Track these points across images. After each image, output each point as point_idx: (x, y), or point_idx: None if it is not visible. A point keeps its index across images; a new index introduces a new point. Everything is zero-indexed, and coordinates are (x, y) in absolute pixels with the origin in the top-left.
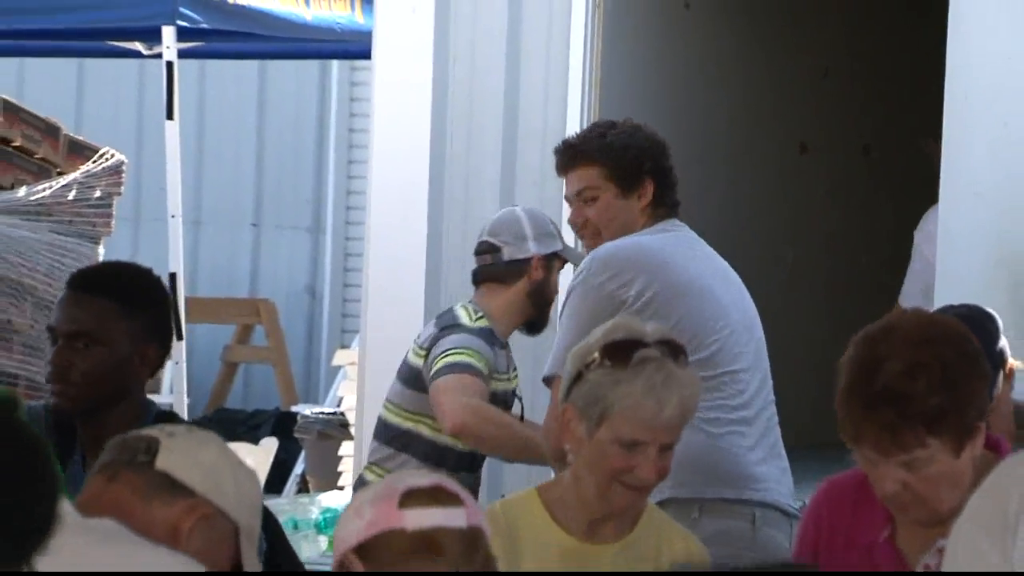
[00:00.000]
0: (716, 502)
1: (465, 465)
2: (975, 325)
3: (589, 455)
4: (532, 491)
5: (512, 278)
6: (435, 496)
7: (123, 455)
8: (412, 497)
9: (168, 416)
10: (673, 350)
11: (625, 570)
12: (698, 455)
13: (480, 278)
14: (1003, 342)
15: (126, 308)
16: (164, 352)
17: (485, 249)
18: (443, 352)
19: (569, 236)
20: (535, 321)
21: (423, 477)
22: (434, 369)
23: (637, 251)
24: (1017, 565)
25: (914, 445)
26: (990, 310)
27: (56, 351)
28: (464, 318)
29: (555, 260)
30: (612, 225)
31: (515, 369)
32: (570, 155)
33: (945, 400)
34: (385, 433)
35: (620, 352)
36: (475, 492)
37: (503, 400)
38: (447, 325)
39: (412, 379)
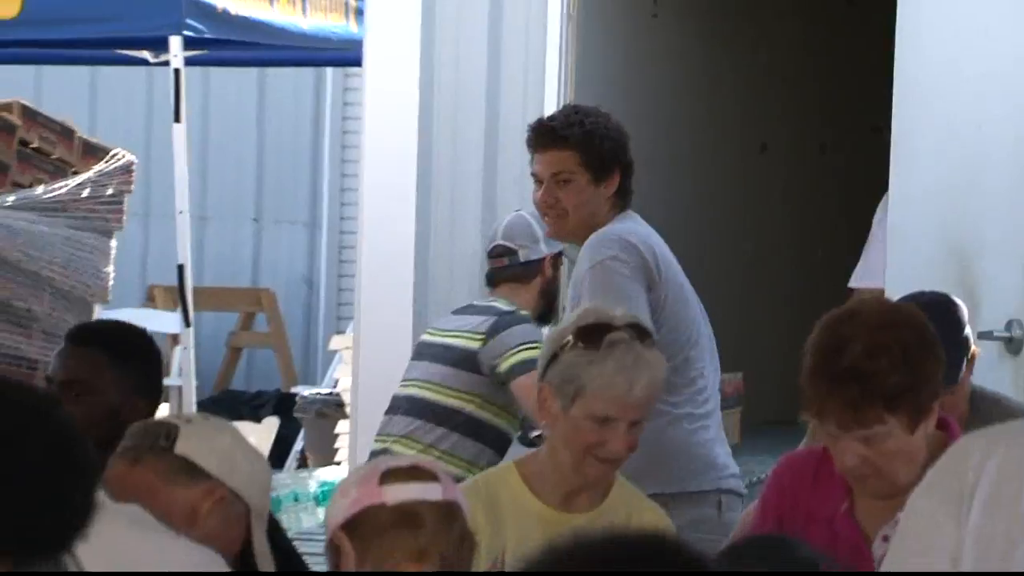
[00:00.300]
0: (693, 494)
1: (498, 445)
2: (944, 311)
3: (564, 430)
4: (510, 465)
5: (529, 277)
6: (413, 473)
7: (145, 440)
8: (391, 475)
9: None
10: (640, 333)
11: None
12: (680, 450)
13: (498, 279)
14: (968, 330)
15: (118, 361)
16: (153, 407)
17: (501, 252)
18: (518, 346)
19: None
20: (544, 314)
21: (403, 459)
22: (511, 362)
23: (655, 245)
24: (967, 540)
25: (873, 421)
26: (957, 300)
27: None
28: (511, 308)
29: (559, 258)
30: (581, 210)
31: None
32: (550, 136)
33: (903, 380)
34: (424, 410)
35: (592, 335)
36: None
37: None
38: (503, 313)
39: (464, 361)
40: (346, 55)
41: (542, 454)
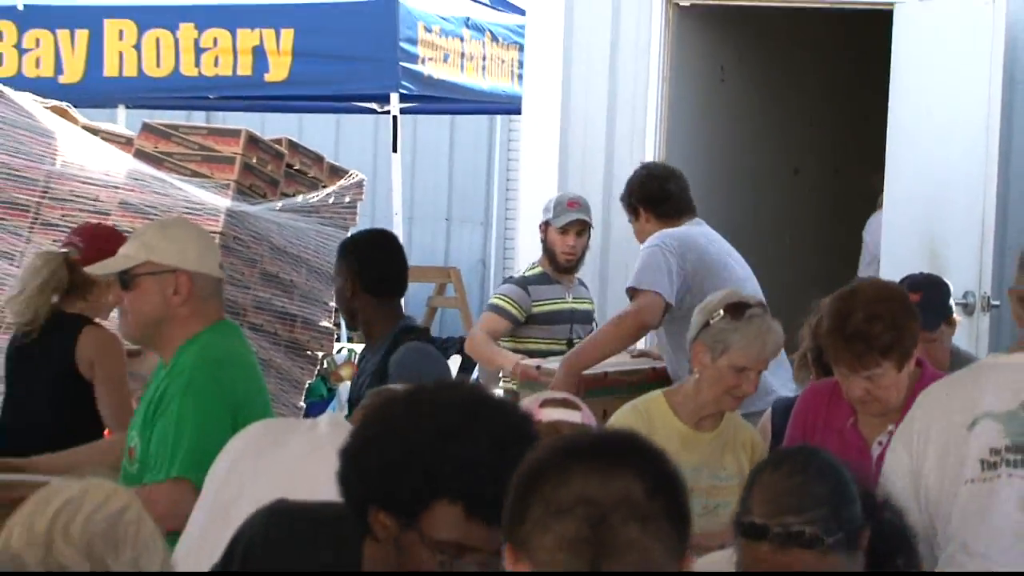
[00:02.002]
0: (751, 413)
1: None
2: (936, 287)
3: (711, 376)
4: (660, 395)
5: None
6: (563, 402)
7: (377, 399)
8: (548, 402)
9: (412, 328)
10: (765, 308)
11: (720, 449)
12: None
13: None
14: (951, 302)
15: (342, 255)
16: (383, 294)
17: None
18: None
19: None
20: (553, 264)
21: (560, 394)
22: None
23: (686, 236)
24: (926, 470)
25: (873, 366)
26: (946, 280)
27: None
28: (522, 270)
29: (547, 225)
30: (641, 236)
31: (584, 298)
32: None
33: (892, 338)
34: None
35: (737, 309)
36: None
37: (536, 317)
38: (505, 279)
39: None
40: (511, 107)
41: (686, 388)
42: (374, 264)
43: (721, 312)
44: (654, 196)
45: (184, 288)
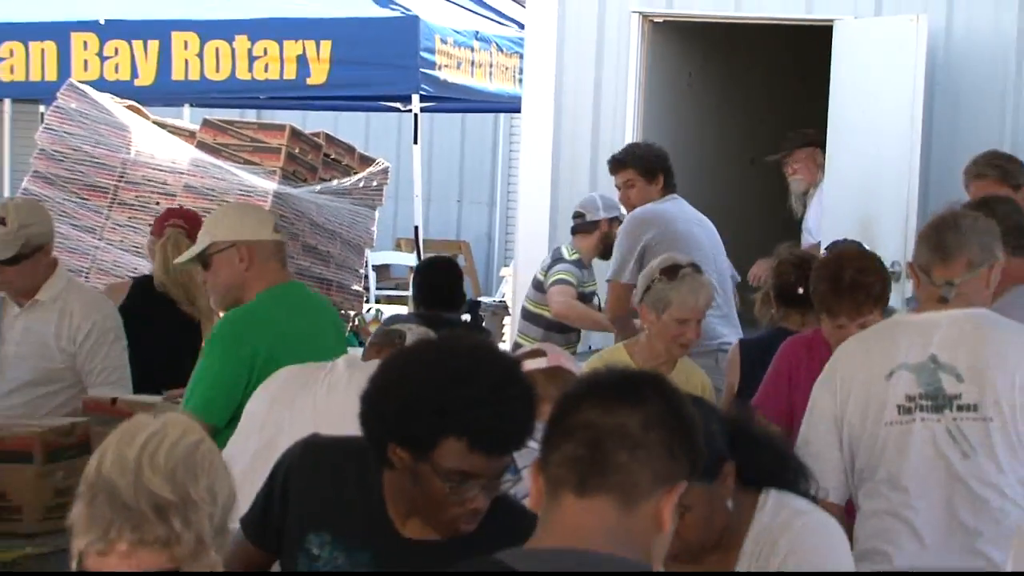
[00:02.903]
0: (701, 352)
1: (557, 329)
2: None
3: (657, 330)
4: (620, 346)
5: (591, 231)
6: (530, 354)
7: (386, 339)
8: (520, 356)
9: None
10: (696, 268)
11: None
12: None
13: (573, 232)
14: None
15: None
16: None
17: (575, 215)
18: (554, 272)
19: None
20: (604, 254)
21: (528, 347)
22: (550, 281)
23: (651, 212)
24: (849, 413)
25: (868, 313)
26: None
27: None
28: (565, 254)
29: (615, 220)
30: (641, 201)
31: (594, 280)
32: (618, 163)
33: (880, 286)
34: (527, 316)
35: (672, 271)
36: (568, 345)
37: (587, 296)
38: (555, 258)
39: (538, 286)
40: (513, 106)
41: (641, 341)
42: (425, 288)
43: (659, 275)
44: (669, 168)
45: (246, 256)
